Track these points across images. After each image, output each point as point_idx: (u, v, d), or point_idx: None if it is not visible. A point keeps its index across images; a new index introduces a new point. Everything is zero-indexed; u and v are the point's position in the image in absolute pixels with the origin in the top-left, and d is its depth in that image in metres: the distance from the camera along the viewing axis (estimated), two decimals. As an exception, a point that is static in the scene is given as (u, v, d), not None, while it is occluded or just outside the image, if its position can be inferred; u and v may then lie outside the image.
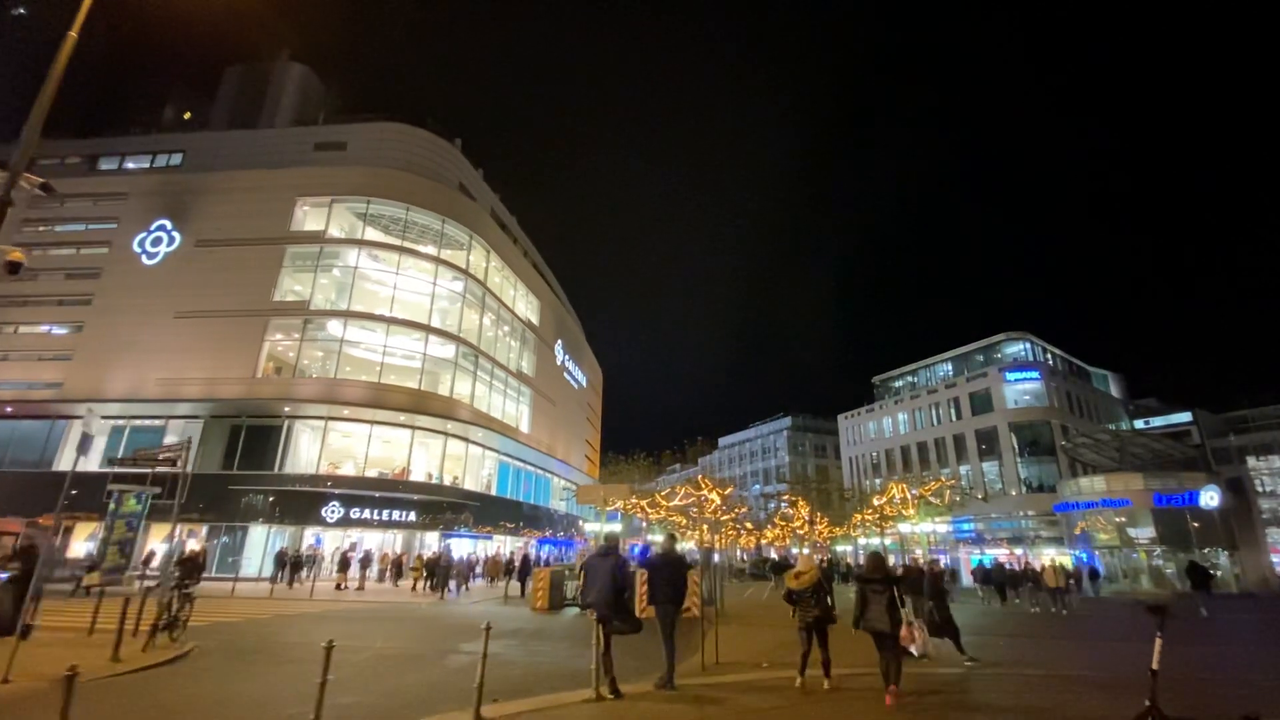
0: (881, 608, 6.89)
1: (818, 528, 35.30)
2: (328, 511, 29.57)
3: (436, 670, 8.56)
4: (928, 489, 24.26)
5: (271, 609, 15.82)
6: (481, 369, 36.83)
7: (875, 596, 7.01)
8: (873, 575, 7.27)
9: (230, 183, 34.68)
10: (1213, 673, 9.53)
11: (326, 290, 33.94)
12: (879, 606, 6.92)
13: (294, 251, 33.34)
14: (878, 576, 7.20)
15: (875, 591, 7.05)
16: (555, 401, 48.97)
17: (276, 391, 30.61)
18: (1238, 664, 10.69)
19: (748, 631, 13.08)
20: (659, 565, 7.35)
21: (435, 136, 39.43)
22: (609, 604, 6.46)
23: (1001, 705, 7.01)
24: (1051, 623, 17.06)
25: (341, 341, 31.70)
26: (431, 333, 33.36)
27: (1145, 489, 30.58)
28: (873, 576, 7.24)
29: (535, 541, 44.69)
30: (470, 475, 37.21)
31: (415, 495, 31.89)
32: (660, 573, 7.25)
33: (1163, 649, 5.18)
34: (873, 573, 7.31)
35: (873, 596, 7.03)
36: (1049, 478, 46.20)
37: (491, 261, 39.16)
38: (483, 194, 43.73)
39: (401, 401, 31.20)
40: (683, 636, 8.54)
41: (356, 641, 10.55)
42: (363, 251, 33.52)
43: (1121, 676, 8.53)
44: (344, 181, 34.36)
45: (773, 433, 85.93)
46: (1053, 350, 56.62)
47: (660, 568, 7.32)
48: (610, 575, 6.50)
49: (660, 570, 7.30)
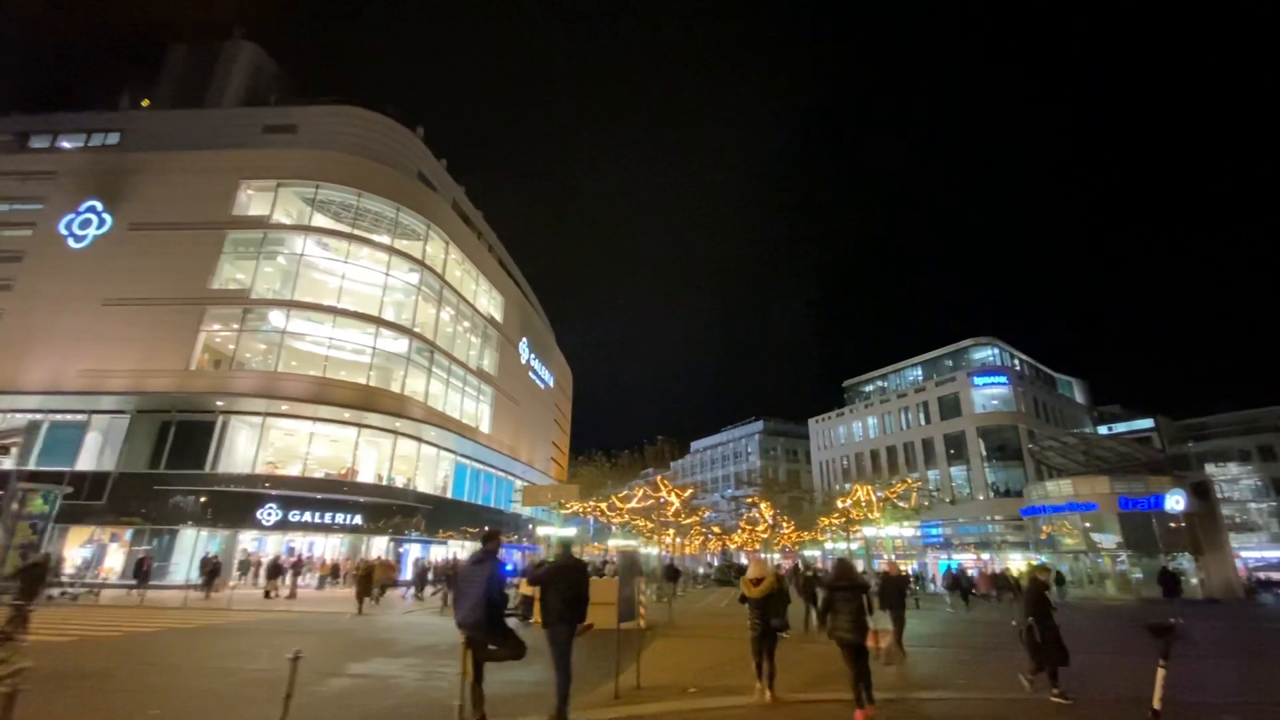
0: (850, 616, 6.58)
1: (784, 531, 34.30)
2: (264, 514, 27.65)
3: (299, 698, 7.16)
4: (893, 491, 23.43)
5: (170, 621, 14.13)
6: (438, 365, 35.17)
7: (844, 605, 6.67)
8: (840, 582, 6.87)
9: (168, 163, 32.53)
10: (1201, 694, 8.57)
11: (270, 279, 32.00)
12: (848, 615, 6.59)
13: (235, 237, 31.36)
14: (845, 584, 6.82)
15: (844, 599, 6.70)
16: (519, 401, 47.37)
17: (211, 385, 28.58)
18: (1226, 681, 9.80)
19: (690, 646, 11.88)
20: (552, 577, 6.06)
21: (393, 122, 37.74)
22: (482, 622, 5.17)
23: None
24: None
25: (284, 333, 29.80)
26: (383, 326, 31.63)
27: (1111, 492, 30.24)
28: (840, 584, 6.85)
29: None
30: (424, 477, 35.52)
31: (362, 497, 30.11)
32: (553, 586, 5.98)
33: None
34: (840, 579, 6.92)
35: (841, 605, 6.69)
36: (1015, 482, 46.09)
37: (451, 254, 37.54)
38: (445, 185, 42.09)
39: (347, 397, 29.41)
40: (608, 655, 7.36)
41: (232, 662, 9.11)
42: (310, 238, 31.67)
43: (1100, 694, 7.52)
44: (291, 164, 32.50)
45: (744, 436, 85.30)
46: (1020, 356, 56.88)
47: (553, 580, 6.03)
48: (485, 586, 5.21)
49: (553, 583, 6.01)
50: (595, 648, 7.71)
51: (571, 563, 6.23)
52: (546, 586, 5.88)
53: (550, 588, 5.88)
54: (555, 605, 5.81)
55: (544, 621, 5.74)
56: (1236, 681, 9.71)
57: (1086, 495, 31.04)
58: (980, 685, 8.58)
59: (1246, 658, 12.30)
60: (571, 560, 6.26)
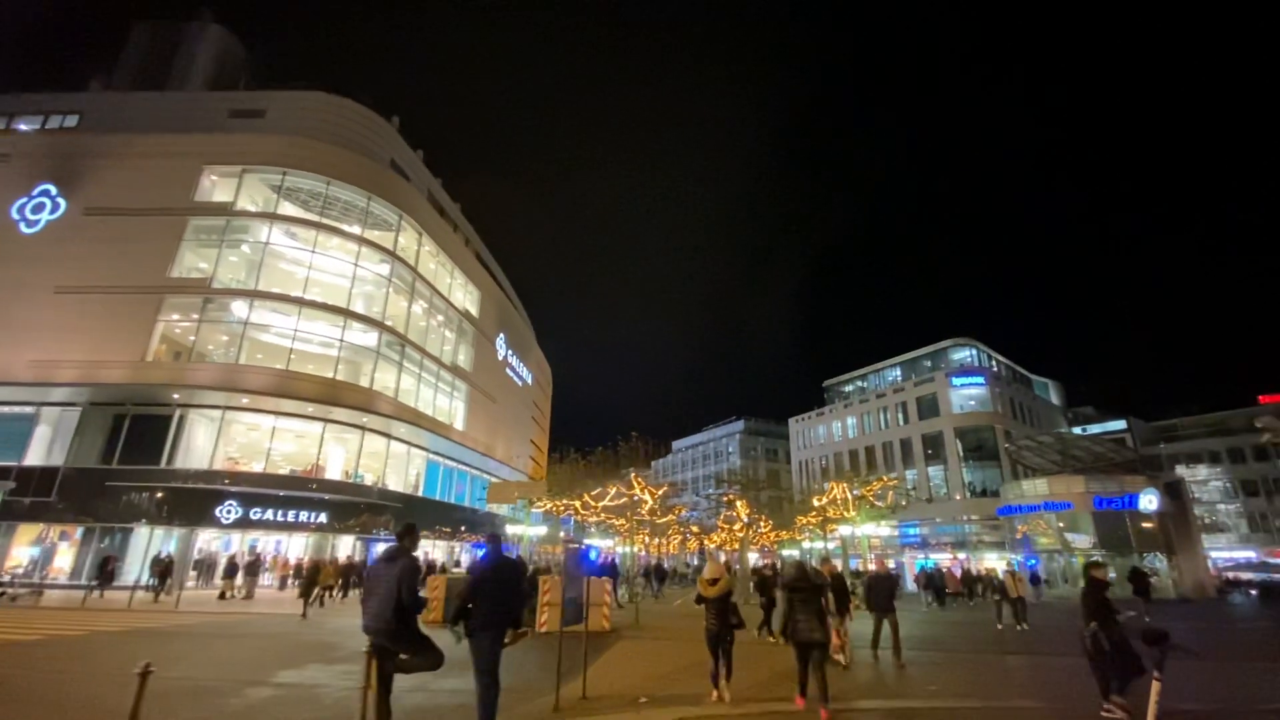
0: (811, 617, 6.54)
1: (761, 530, 33.92)
2: (223, 511, 26.59)
3: (202, 713, 6.46)
4: (869, 489, 23.12)
5: (106, 624, 13.24)
6: (409, 360, 34.25)
7: (803, 606, 6.62)
8: (799, 584, 6.81)
9: (128, 147, 31.21)
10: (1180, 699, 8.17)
11: (235, 268, 30.86)
12: (808, 616, 6.55)
13: (198, 224, 30.19)
14: (803, 585, 6.79)
15: (803, 600, 6.66)
16: (496, 398, 46.49)
17: (168, 377, 27.40)
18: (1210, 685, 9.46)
19: (651, 649, 11.32)
20: (483, 578, 5.32)
21: (366, 109, 36.69)
22: (390, 627, 4.54)
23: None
24: (1028, 639, 14.58)
25: (246, 324, 28.69)
26: (351, 318, 30.67)
27: (1086, 492, 30.31)
28: (799, 585, 6.79)
29: (472, 545, 42.15)
30: (394, 474, 34.57)
31: (327, 495, 29.13)
32: (484, 588, 5.23)
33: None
34: (799, 581, 6.85)
35: (800, 606, 6.62)
36: (992, 482, 46.29)
37: (425, 246, 36.61)
38: (420, 175, 41.11)
39: (312, 391, 28.43)
40: (566, 659, 6.78)
41: (156, 668, 8.34)
42: (275, 227, 30.57)
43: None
44: (258, 150, 31.38)
45: (725, 436, 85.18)
46: (997, 357, 57.27)
47: (483, 582, 5.28)
48: (395, 587, 4.58)
49: (484, 585, 5.25)
50: (554, 652, 7.19)
51: (503, 562, 5.52)
52: (476, 588, 5.22)
53: (480, 590, 5.21)
54: (481, 609, 5.12)
55: (468, 628, 5.08)
56: (1221, 685, 9.38)
57: (1062, 495, 31.10)
58: (985, 693, 8.12)
59: (1224, 660, 12.04)
60: (503, 559, 5.55)
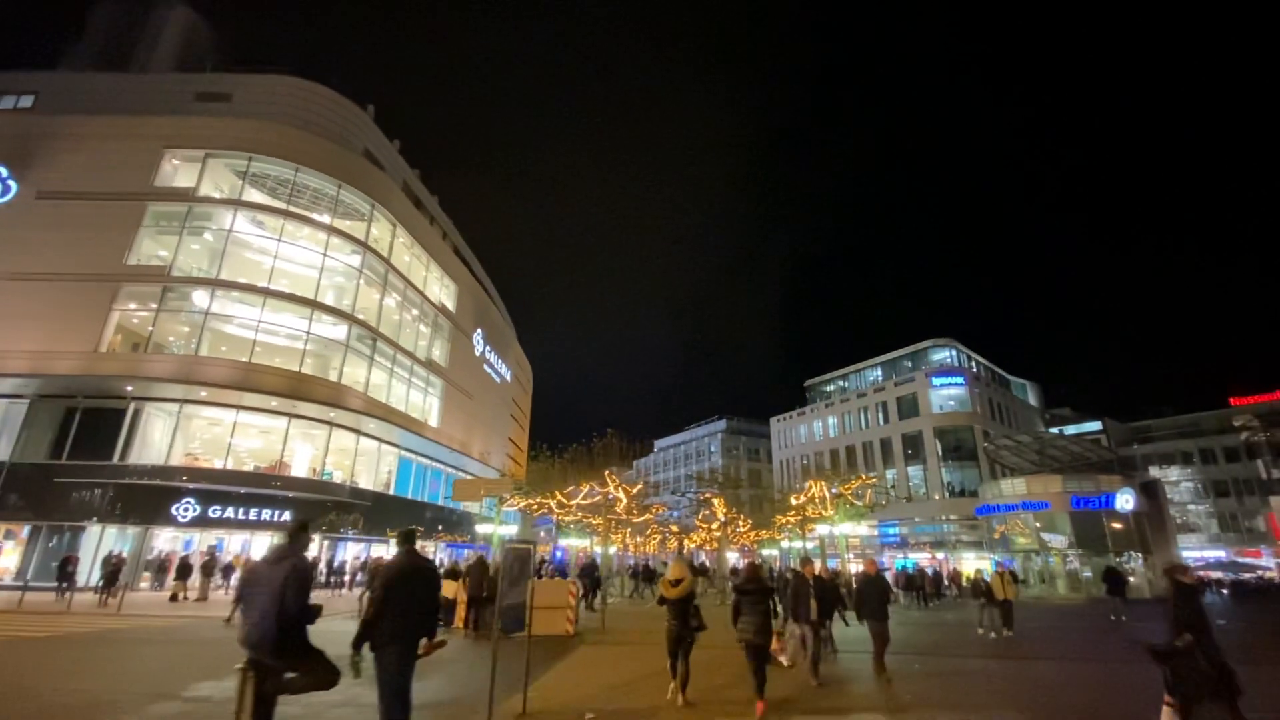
0: (756, 619, 6.72)
1: (739, 529, 33.45)
2: (180, 510, 25.52)
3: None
4: (848, 487, 22.73)
5: (30, 629, 12.30)
6: (381, 354, 33.26)
7: (750, 607, 6.80)
8: (748, 585, 7.01)
9: (85, 128, 29.88)
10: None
11: (197, 256, 29.72)
12: (754, 618, 6.73)
13: (157, 210, 28.97)
14: (752, 587, 6.98)
15: (751, 602, 6.84)
16: (473, 395, 45.55)
17: (123, 368, 26.16)
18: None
19: (613, 656, 10.70)
20: (390, 584, 4.55)
21: (338, 96, 35.62)
22: (270, 640, 3.87)
23: None
24: (1013, 644, 13.30)
25: (207, 314, 27.57)
26: (319, 309, 29.65)
27: (1064, 491, 30.28)
28: (748, 587, 6.99)
29: (444, 545, 41.15)
30: (365, 472, 33.61)
31: (291, 492, 28.12)
32: (393, 596, 4.48)
33: None
34: (749, 583, 7.05)
35: (748, 607, 6.81)
36: (971, 482, 46.39)
37: (399, 237, 35.63)
38: (395, 166, 40.09)
39: (276, 385, 27.37)
40: (522, 667, 6.15)
41: (51, 680, 7.54)
42: (240, 214, 29.43)
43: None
44: (222, 134, 30.20)
45: (707, 435, 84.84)
46: (976, 358, 57.54)
47: (391, 588, 4.52)
48: (279, 593, 3.90)
49: (394, 592, 4.50)
50: (512, 659, 6.61)
51: (414, 564, 4.74)
52: (385, 597, 4.51)
53: (388, 598, 4.46)
54: (389, 619, 4.38)
55: (373, 642, 4.38)
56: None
57: (1039, 494, 31.07)
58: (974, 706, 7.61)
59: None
60: (415, 561, 4.76)
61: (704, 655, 8.22)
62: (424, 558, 4.85)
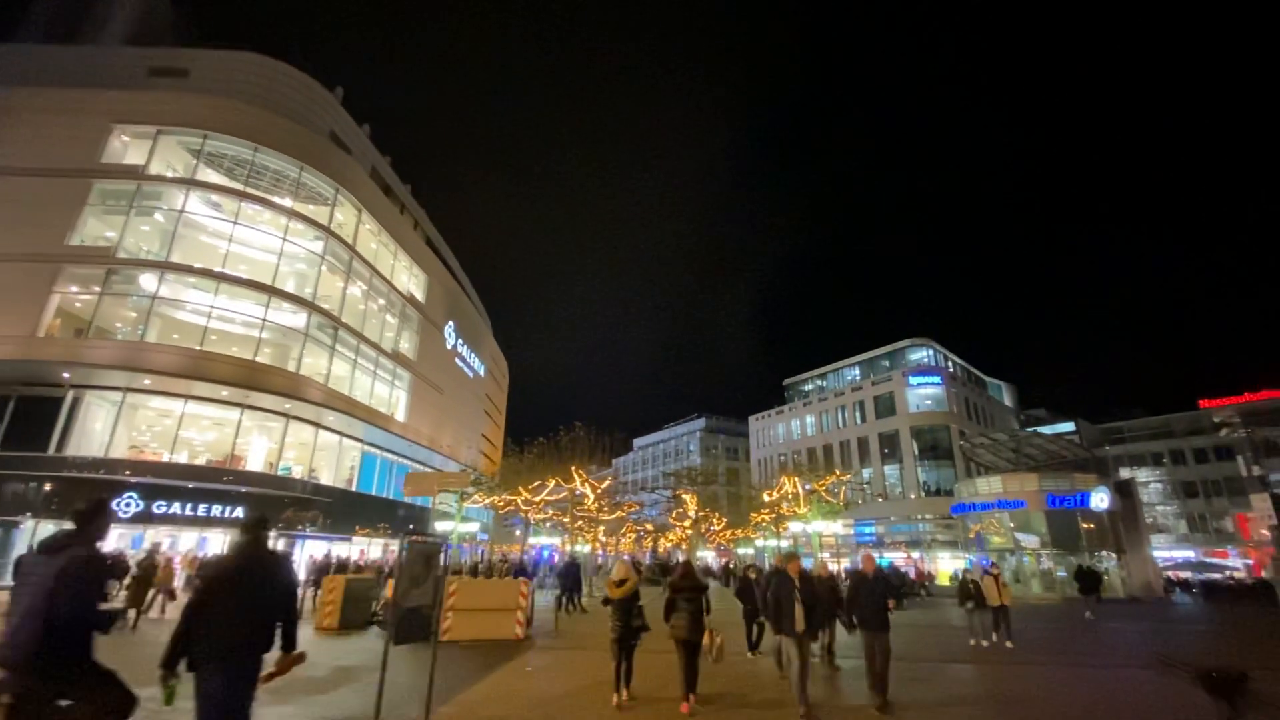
0: (689, 616, 6.79)
1: (712, 526, 32.75)
2: (121, 505, 24.05)
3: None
4: (821, 484, 22.10)
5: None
6: (344, 344, 31.97)
7: (684, 605, 6.86)
8: (683, 584, 7.08)
9: (28, 101, 28.24)
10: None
11: (147, 238, 28.21)
12: (687, 615, 6.79)
13: (104, 189, 27.46)
14: (687, 585, 7.05)
15: (685, 600, 6.90)
16: (443, 389, 44.28)
17: (63, 354, 24.62)
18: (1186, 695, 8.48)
19: (558, 663, 9.85)
20: (219, 584, 3.52)
21: (303, 75, 34.23)
22: (29, 656, 2.94)
23: None
24: (1026, 656, 11.63)
25: (155, 299, 26.13)
26: (277, 296, 28.33)
27: (1040, 490, 30.04)
28: (683, 585, 7.06)
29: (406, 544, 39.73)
30: (326, 467, 32.33)
31: (244, 487, 26.78)
32: (219, 600, 3.44)
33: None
34: (683, 581, 7.13)
35: (682, 604, 6.87)
36: (946, 481, 46.31)
37: (365, 224, 34.33)
38: (364, 150, 38.75)
39: (229, 374, 26.02)
40: (456, 674, 5.26)
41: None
42: (194, 194, 27.99)
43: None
44: (176, 110, 28.70)
45: (686, 434, 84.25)
46: (953, 358, 57.62)
47: (220, 587, 3.50)
48: (49, 594, 2.97)
49: (218, 596, 3.46)
50: (446, 667, 5.74)
51: (252, 558, 3.62)
52: (202, 598, 3.45)
53: (210, 601, 3.44)
54: (215, 628, 3.37)
55: (191, 659, 3.45)
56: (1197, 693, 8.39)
57: (1015, 492, 30.81)
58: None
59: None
60: (253, 554, 3.64)
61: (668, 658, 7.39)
62: (271, 550, 3.85)
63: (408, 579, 5.43)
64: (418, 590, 5.58)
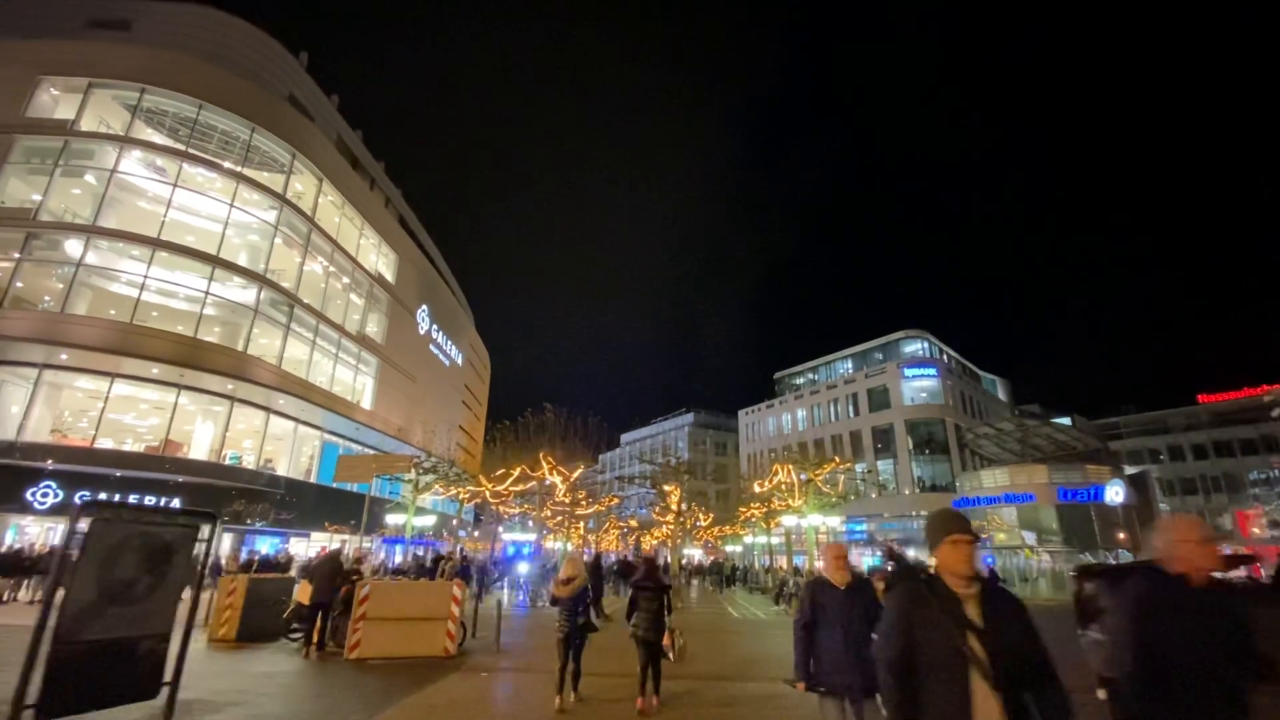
0: (650, 615, 6.56)
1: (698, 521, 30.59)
2: (36, 495, 21.50)
3: None
4: (819, 473, 20.01)
5: None
6: (301, 324, 29.48)
7: (645, 604, 6.62)
8: (645, 583, 6.77)
9: (-55, 50, 25.50)
10: None
11: (78, 202, 25.57)
12: (647, 614, 6.56)
13: (29, 145, 24.88)
14: (649, 584, 6.75)
15: (646, 599, 6.64)
16: (415, 377, 41.78)
17: (-32, 326, 21.99)
18: None
19: (483, 691, 7.66)
20: None
21: (260, 32, 31.68)
22: None
23: None
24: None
25: (81, 266, 23.50)
26: (223, 267, 25.80)
27: (1050, 482, 28.10)
28: (645, 584, 6.75)
29: (380, 540, 37.32)
30: (282, 456, 29.86)
31: (183, 477, 24.27)
32: None
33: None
34: (645, 580, 6.80)
35: (644, 604, 6.62)
36: (942, 477, 44.55)
37: (327, 195, 31.80)
38: (328, 119, 36.14)
39: (163, 351, 23.46)
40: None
41: None
42: (131, 154, 25.42)
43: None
44: (110, 62, 26.06)
45: (674, 429, 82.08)
46: (948, 351, 55.96)
47: None
48: None
49: None
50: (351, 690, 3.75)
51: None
52: None
53: None
54: None
55: None
56: None
57: (1023, 485, 28.83)
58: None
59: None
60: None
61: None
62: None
63: (93, 586, 3.05)
64: (121, 609, 3.14)
